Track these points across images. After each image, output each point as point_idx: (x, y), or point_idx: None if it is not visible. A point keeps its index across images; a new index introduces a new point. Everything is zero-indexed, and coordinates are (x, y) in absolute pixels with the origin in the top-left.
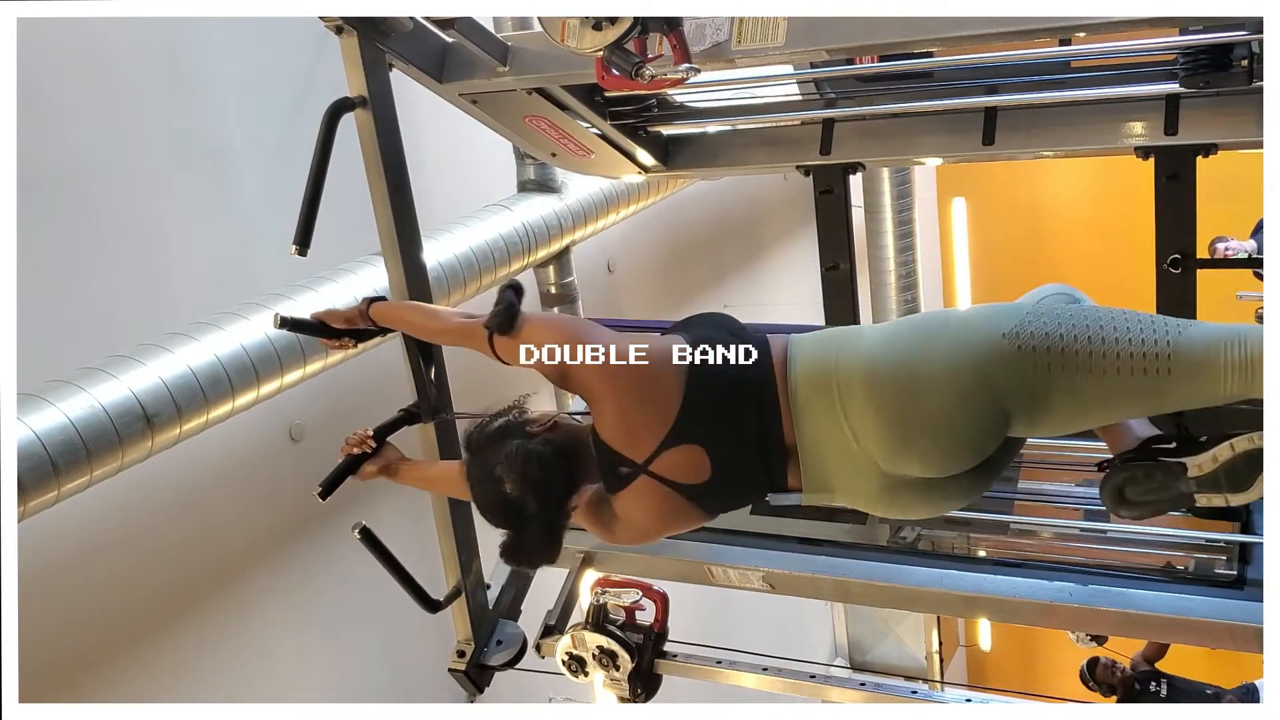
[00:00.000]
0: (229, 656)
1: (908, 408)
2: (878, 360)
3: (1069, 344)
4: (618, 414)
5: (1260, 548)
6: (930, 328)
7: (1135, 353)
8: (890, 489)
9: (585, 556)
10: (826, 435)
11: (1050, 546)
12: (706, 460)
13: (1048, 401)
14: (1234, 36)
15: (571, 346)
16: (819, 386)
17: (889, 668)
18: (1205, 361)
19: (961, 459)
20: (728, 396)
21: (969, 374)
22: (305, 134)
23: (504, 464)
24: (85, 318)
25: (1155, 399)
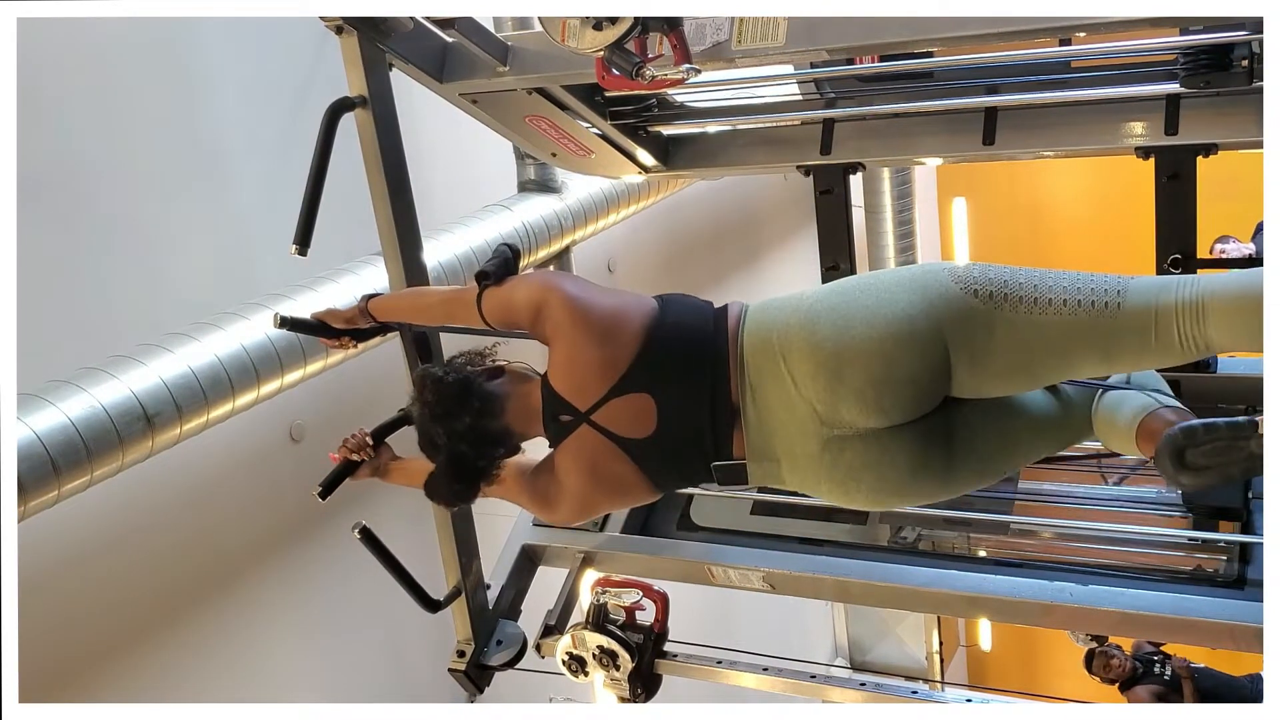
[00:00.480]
0: (229, 656)
1: (841, 340)
2: (817, 302)
3: (1013, 279)
4: (573, 358)
5: (1260, 548)
6: (864, 275)
7: (1084, 288)
8: (833, 447)
9: (585, 556)
10: (771, 390)
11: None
12: (654, 411)
13: (990, 335)
14: (1234, 36)
15: (549, 284)
16: (762, 342)
17: (889, 668)
18: (1155, 301)
19: (897, 394)
20: (683, 351)
21: (904, 303)
22: (305, 134)
23: (414, 387)
24: (85, 317)
25: (1104, 344)
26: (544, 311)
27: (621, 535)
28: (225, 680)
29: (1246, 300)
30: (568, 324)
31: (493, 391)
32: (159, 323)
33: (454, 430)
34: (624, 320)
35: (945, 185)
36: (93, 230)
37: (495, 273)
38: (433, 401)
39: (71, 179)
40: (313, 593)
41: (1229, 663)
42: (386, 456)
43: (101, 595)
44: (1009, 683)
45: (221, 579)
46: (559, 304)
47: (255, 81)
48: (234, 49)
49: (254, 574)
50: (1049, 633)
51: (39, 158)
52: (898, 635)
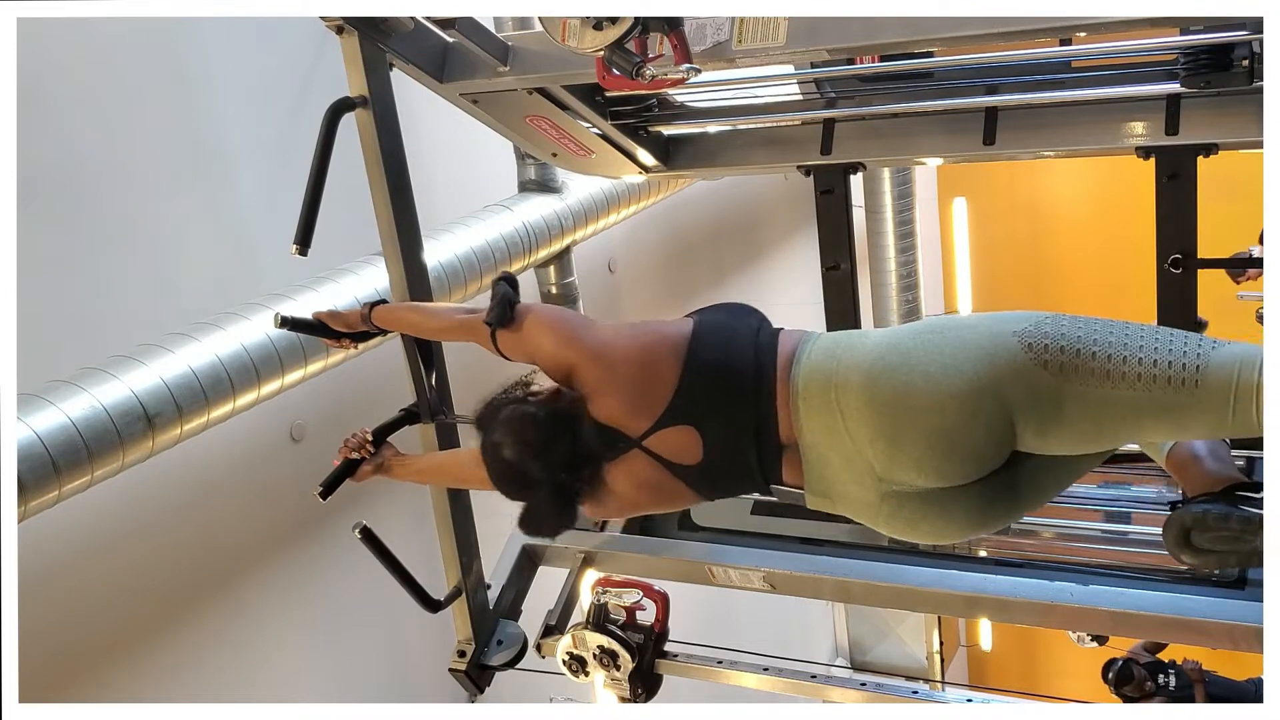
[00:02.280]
0: (229, 656)
1: (900, 408)
2: (878, 360)
3: (1086, 346)
4: (614, 404)
5: None
6: (936, 325)
7: (1162, 359)
8: (891, 500)
9: (586, 556)
10: (826, 436)
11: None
12: (699, 443)
13: (1058, 409)
14: (1235, 36)
15: (573, 344)
16: (819, 386)
17: (890, 668)
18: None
19: (959, 465)
20: (725, 384)
21: (969, 371)
22: (306, 134)
23: (501, 429)
24: (86, 318)
25: (1178, 418)
26: (574, 375)
27: (622, 535)
28: (225, 680)
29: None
30: (598, 382)
31: (574, 414)
32: (159, 323)
33: (553, 462)
34: (655, 361)
35: (946, 185)
36: (93, 230)
37: (500, 319)
38: (534, 439)
39: (71, 179)
40: (313, 592)
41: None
42: (389, 454)
43: (102, 595)
44: (1009, 683)
45: (222, 579)
46: (587, 366)
47: (256, 82)
48: (234, 49)
49: (254, 574)
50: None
51: (39, 158)
52: (898, 635)
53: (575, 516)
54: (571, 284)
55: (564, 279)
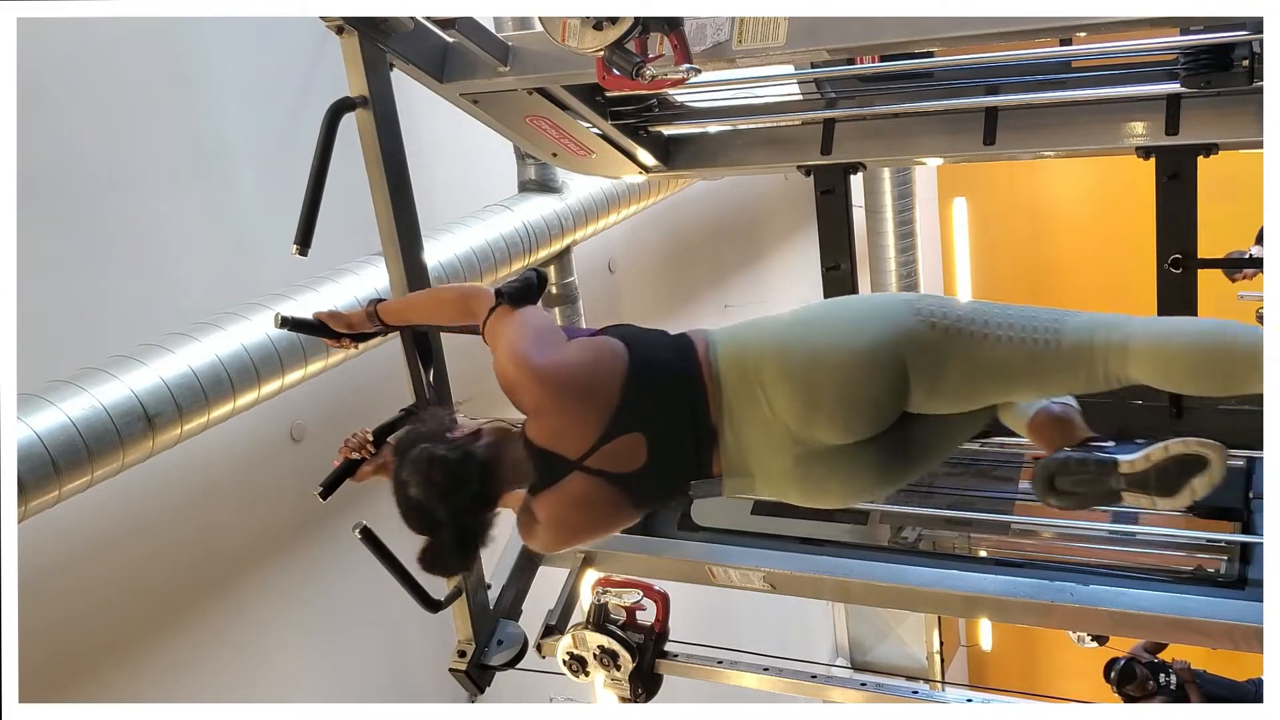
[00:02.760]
0: (229, 656)
1: (814, 367)
2: (787, 332)
3: (966, 314)
4: (555, 426)
5: (1260, 548)
6: (831, 302)
7: (1027, 324)
8: (804, 462)
9: (586, 557)
10: (746, 411)
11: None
12: (644, 446)
13: (943, 366)
14: (1235, 36)
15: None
16: (737, 365)
17: (890, 668)
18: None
19: (865, 417)
20: (663, 388)
21: (870, 333)
22: (306, 134)
23: (408, 467)
24: (86, 318)
25: (1041, 376)
26: (518, 392)
27: (622, 535)
28: (225, 680)
29: (1162, 349)
30: (540, 405)
31: (488, 457)
32: (159, 323)
33: (459, 505)
34: (600, 376)
35: (946, 185)
36: (93, 230)
37: (510, 295)
38: (442, 481)
39: (71, 179)
40: (313, 592)
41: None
42: (389, 455)
43: (102, 595)
44: (1009, 683)
45: (222, 579)
46: (530, 388)
47: (256, 82)
48: (234, 49)
49: (254, 574)
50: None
51: (39, 158)
52: (898, 635)
53: (475, 559)
54: (572, 284)
55: (564, 279)
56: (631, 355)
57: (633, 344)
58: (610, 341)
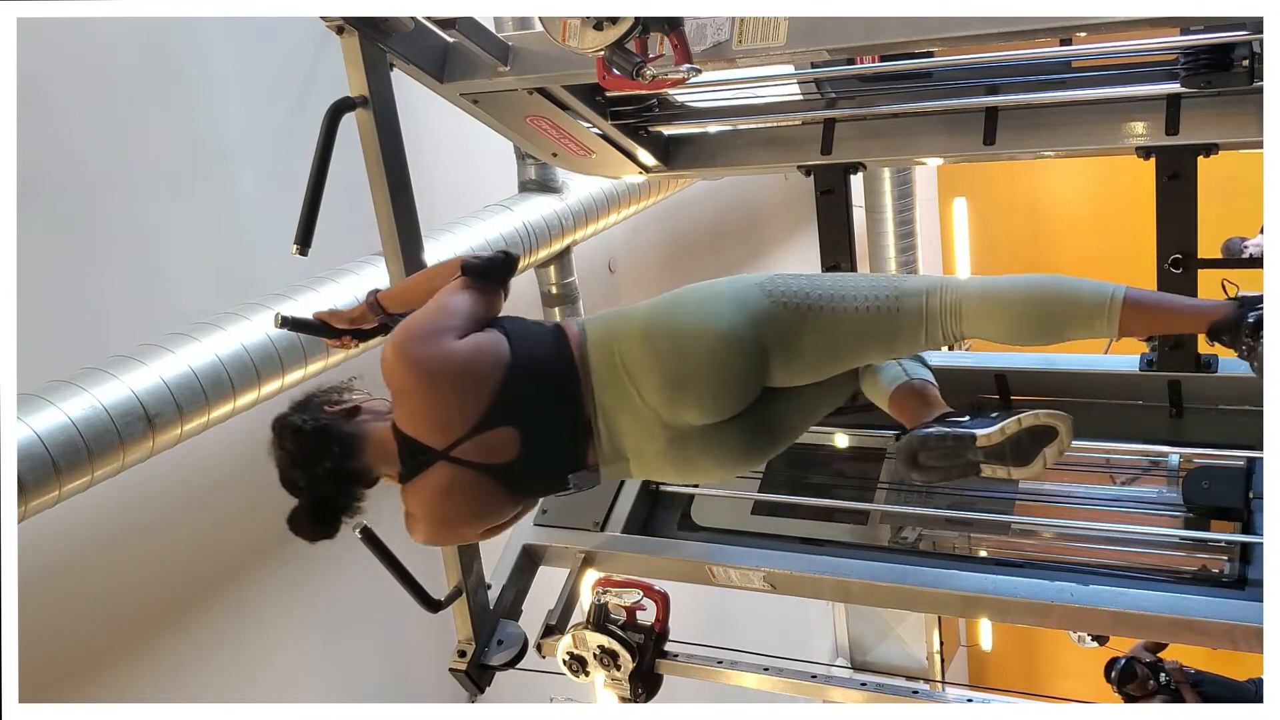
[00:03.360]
0: (229, 656)
1: (679, 353)
2: (650, 319)
3: (814, 289)
4: (420, 412)
5: (1260, 548)
6: (693, 287)
7: (870, 294)
8: (675, 443)
9: (586, 556)
10: (616, 397)
11: (1051, 546)
12: (516, 439)
13: (798, 339)
14: (1235, 36)
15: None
16: (605, 353)
17: (890, 668)
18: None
19: (729, 396)
20: (539, 382)
21: (729, 316)
22: (306, 134)
23: (273, 432)
24: (86, 318)
25: (888, 338)
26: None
27: (622, 535)
28: (225, 680)
29: (991, 303)
30: (413, 388)
31: (351, 433)
32: (160, 323)
33: (315, 474)
34: (474, 370)
35: (946, 185)
36: (93, 230)
37: (472, 269)
38: (293, 449)
39: (71, 179)
40: (313, 592)
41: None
42: None
43: (102, 595)
44: (1009, 683)
45: (222, 579)
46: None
47: (256, 82)
48: (234, 49)
49: (255, 574)
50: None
51: (39, 158)
52: (898, 635)
53: (334, 530)
54: (572, 284)
55: (564, 279)
56: (513, 351)
57: (515, 338)
58: (495, 337)
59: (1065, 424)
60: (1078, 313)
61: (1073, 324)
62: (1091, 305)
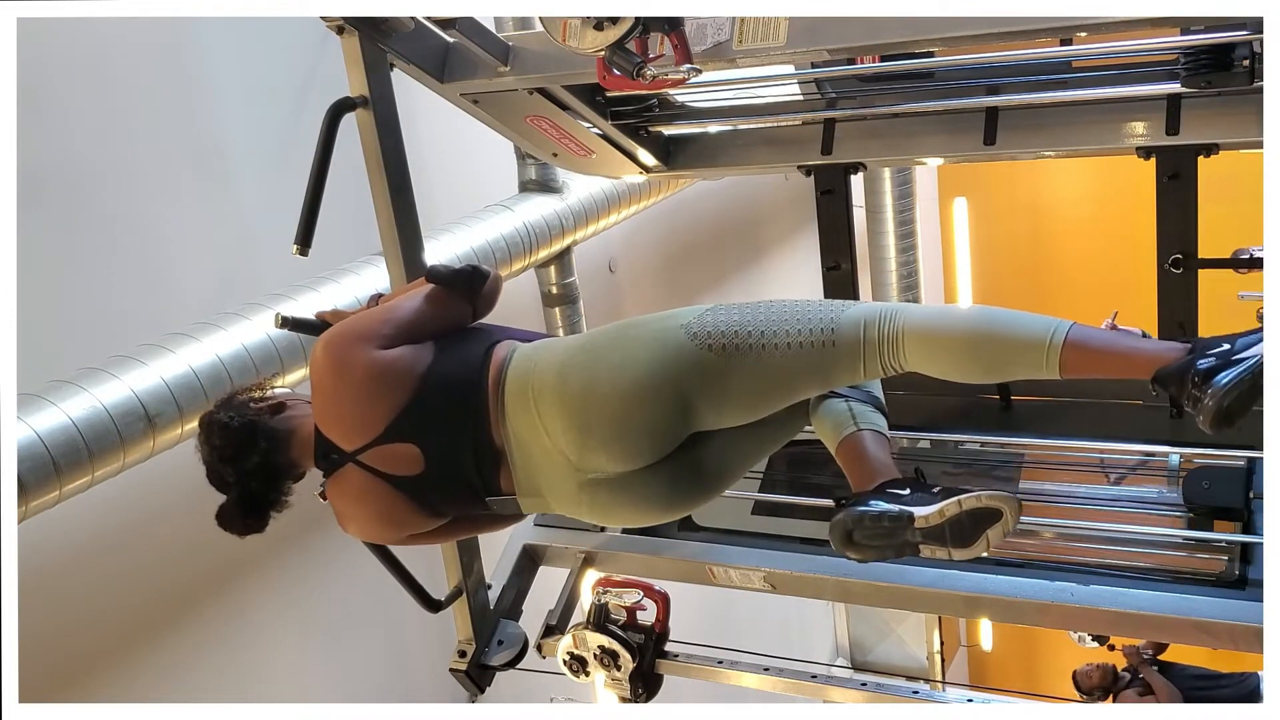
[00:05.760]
0: (229, 656)
1: (587, 398)
2: (569, 358)
3: (742, 328)
4: (328, 409)
5: (1260, 548)
6: (616, 327)
7: (803, 328)
8: (588, 488)
9: (586, 556)
10: (528, 436)
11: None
12: (419, 456)
13: (725, 383)
14: (1235, 36)
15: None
16: (519, 388)
17: (890, 668)
18: (861, 335)
19: (640, 446)
20: (445, 404)
21: (645, 362)
22: (306, 134)
23: (200, 429)
24: (87, 318)
25: (823, 373)
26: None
27: (623, 535)
28: (225, 680)
29: (933, 337)
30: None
31: (277, 429)
32: (160, 323)
33: (243, 470)
34: (385, 380)
35: (946, 185)
36: (93, 230)
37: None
38: (220, 445)
39: (71, 179)
40: (313, 592)
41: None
42: None
43: (102, 595)
44: (1010, 683)
45: (222, 579)
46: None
47: (256, 82)
48: (235, 49)
49: (254, 574)
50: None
51: (39, 158)
52: (899, 635)
53: (263, 524)
54: (572, 284)
55: (564, 279)
56: (430, 369)
57: (440, 357)
58: (415, 353)
59: (1010, 506)
60: (1018, 352)
61: (1014, 364)
62: (1032, 344)
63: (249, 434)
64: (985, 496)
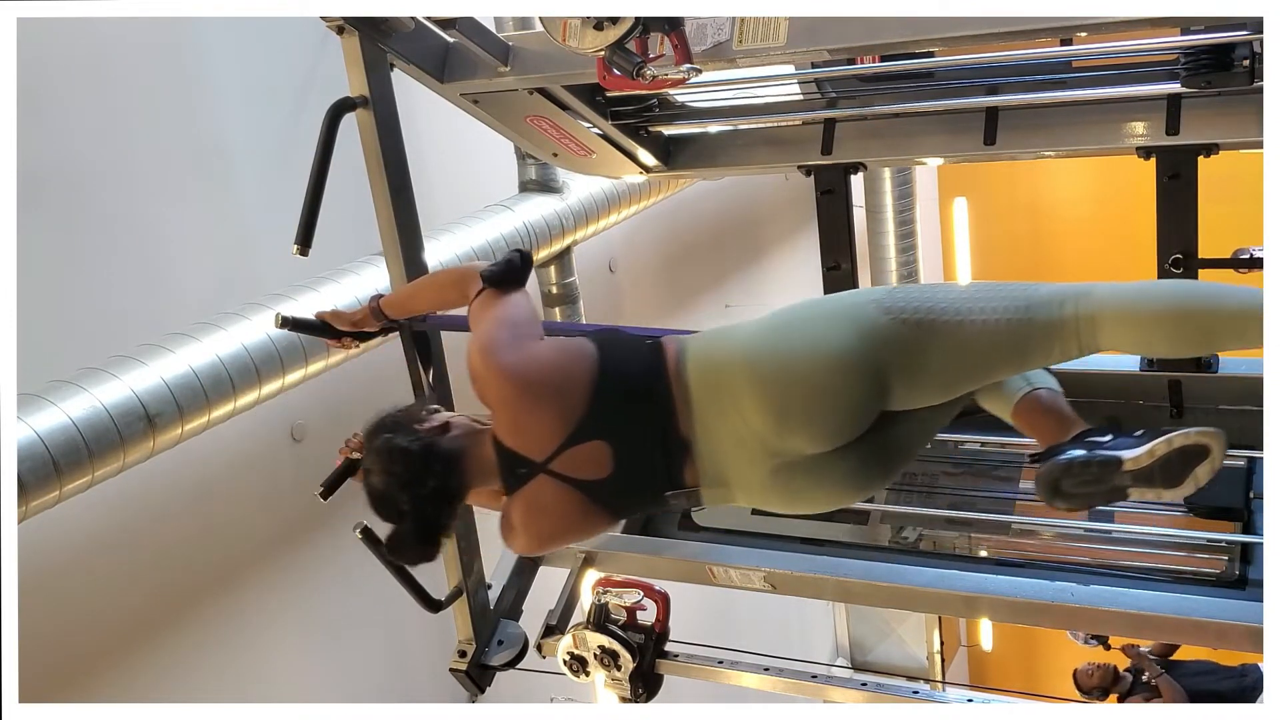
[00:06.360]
0: (229, 656)
1: (783, 379)
2: (757, 340)
3: (936, 303)
4: (519, 423)
5: (1260, 548)
6: (803, 305)
7: (997, 305)
8: (781, 473)
9: (586, 556)
10: (717, 423)
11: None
12: (609, 455)
13: (924, 358)
14: (1235, 36)
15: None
16: (707, 376)
17: (890, 668)
18: (1059, 314)
19: (841, 425)
20: (629, 398)
21: (840, 339)
22: (307, 134)
23: (372, 456)
24: (87, 318)
25: (1020, 355)
26: (482, 386)
27: (623, 535)
28: (225, 680)
29: (1132, 315)
30: (504, 400)
31: (452, 450)
32: (160, 323)
33: (420, 495)
34: (567, 377)
35: (946, 185)
36: (93, 230)
37: (491, 277)
38: (401, 472)
39: (72, 179)
40: (314, 592)
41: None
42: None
43: (102, 595)
44: (1010, 683)
45: (222, 579)
46: (495, 382)
47: (256, 81)
48: (235, 49)
49: (255, 574)
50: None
51: (39, 158)
52: (899, 635)
53: (437, 551)
54: (572, 284)
55: (564, 279)
56: (601, 361)
57: (604, 349)
58: (583, 344)
59: (1217, 442)
60: (1225, 322)
61: (1221, 335)
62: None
63: (428, 458)
64: (1194, 434)
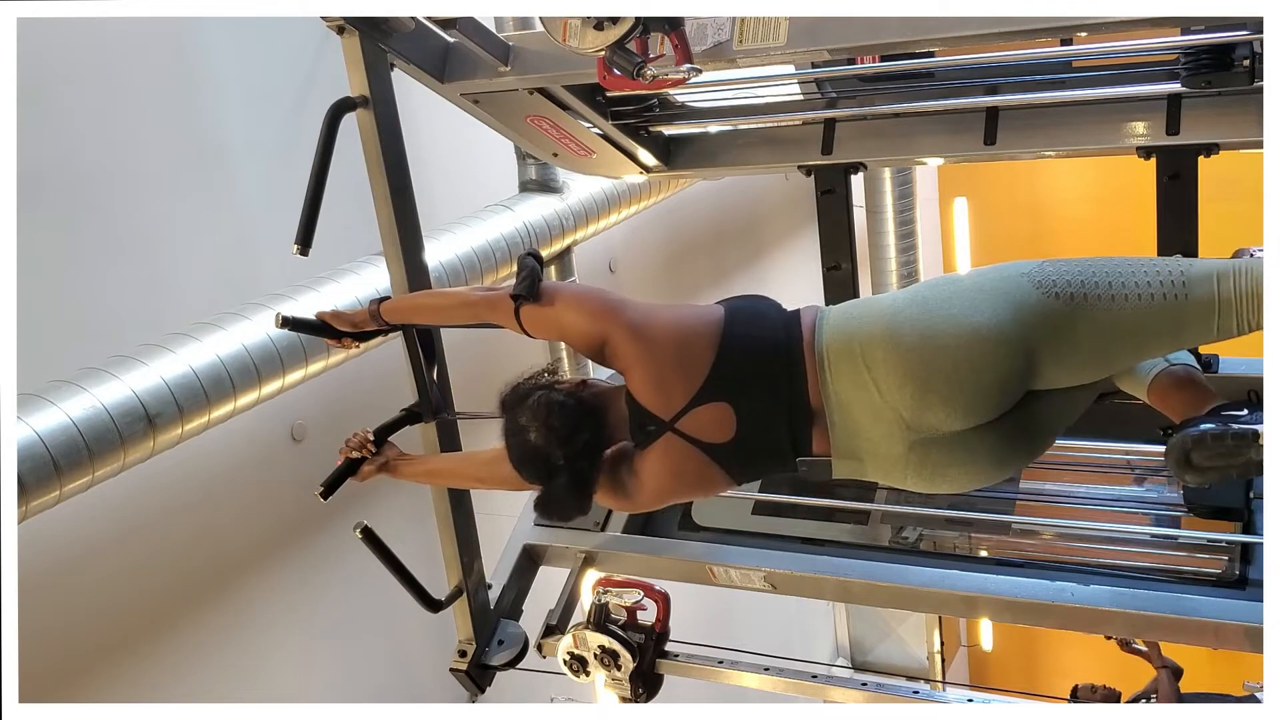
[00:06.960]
0: (230, 656)
1: (927, 351)
2: (898, 311)
3: (1089, 277)
4: (651, 379)
5: (1260, 548)
6: (942, 281)
7: (1152, 280)
8: (919, 448)
9: (587, 556)
10: (852, 396)
11: (1051, 546)
12: (733, 418)
13: (1074, 334)
14: (1236, 36)
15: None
16: (844, 346)
17: (891, 668)
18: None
19: (985, 400)
20: (757, 358)
21: (989, 309)
22: (307, 134)
23: (528, 414)
24: (87, 318)
25: (1175, 329)
26: (609, 347)
27: (623, 535)
28: (226, 680)
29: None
30: (637, 356)
31: (598, 405)
32: (160, 323)
33: (575, 449)
34: (692, 337)
35: (947, 185)
36: (93, 230)
37: (528, 293)
38: (559, 425)
39: (72, 179)
40: (314, 592)
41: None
42: (392, 454)
43: (102, 595)
44: (1010, 683)
45: (223, 579)
46: (624, 339)
47: (257, 81)
48: (235, 49)
49: (255, 574)
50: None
51: (40, 158)
52: (899, 635)
53: (590, 504)
54: (572, 284)
55: (565, 279)
56: (727, 325)
57: (732, 314)
58: (711, 308)
59: None
60: None
61: None
62: None
63: (583, 410)
64: None
